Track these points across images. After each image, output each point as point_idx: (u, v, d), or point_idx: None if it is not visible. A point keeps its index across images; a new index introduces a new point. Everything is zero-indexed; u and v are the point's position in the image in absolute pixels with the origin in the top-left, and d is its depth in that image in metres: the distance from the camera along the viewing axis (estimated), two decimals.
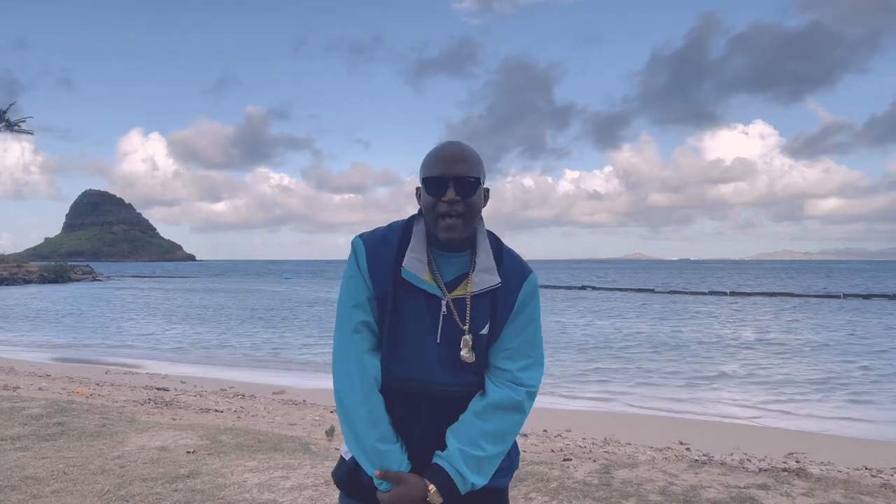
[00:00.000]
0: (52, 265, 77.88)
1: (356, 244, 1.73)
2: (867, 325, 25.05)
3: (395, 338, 1.69)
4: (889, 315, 29.95)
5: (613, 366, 15.27)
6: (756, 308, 34.91)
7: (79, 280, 72.06)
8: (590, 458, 6.03)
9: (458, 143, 1.73)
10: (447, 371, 1.68)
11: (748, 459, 6.86)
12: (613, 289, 56.97)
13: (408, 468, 1.67)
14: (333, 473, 1.84)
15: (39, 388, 9.45)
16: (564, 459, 5.84)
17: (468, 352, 1.68)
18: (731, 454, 7.22)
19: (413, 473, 1.66)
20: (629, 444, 7.63)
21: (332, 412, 8.79)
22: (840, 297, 44.54)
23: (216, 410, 8.38)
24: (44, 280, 64.82)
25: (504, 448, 1.72)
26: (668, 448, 7.49)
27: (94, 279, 76.63)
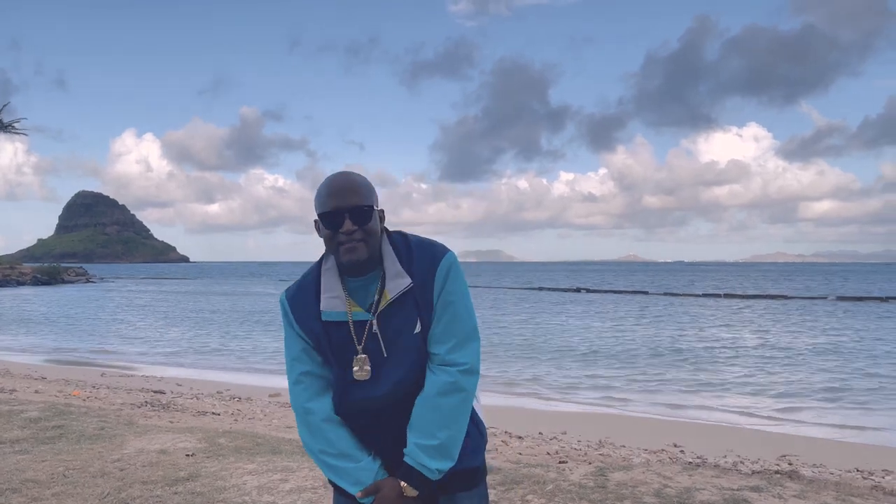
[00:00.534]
0: (46, 267, 77.70)
1: (282, 301, 1.90)
2: (859, 328, 25.21)
3: (338, 370, 1.82)
4: (882, 318, 30.13)
5: (608, 369, 15.35)
6: (749, 310, 35.07)
7: (72, 282, 71.82)
8: (585, 461, 6.09)
9: (347, 174, 1.82)
10: (376, 384, 1.80)
11: (741, 462, 6.94)
12: (608, 291, 57.12)
13: (383, 475, 1.80)
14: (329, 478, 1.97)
15: (36, 391, 9.47)
16: (560, 462, 5.90)
17: (360, 370, 1.80)
18: (725, 457, 7.30)
19: (387, 478, 1.79)
20: (624, 447, 7.69)
21: None
22: (833, 300, 44.82)
23: (213, 413, 8.41)
24: (37, 282, 64.61)
25: (458, 428, 1.79)
26: (663, 450, 7.56)
27: (88, 281, 76.41)
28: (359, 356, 1.80)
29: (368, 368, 1.79)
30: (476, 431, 1.91)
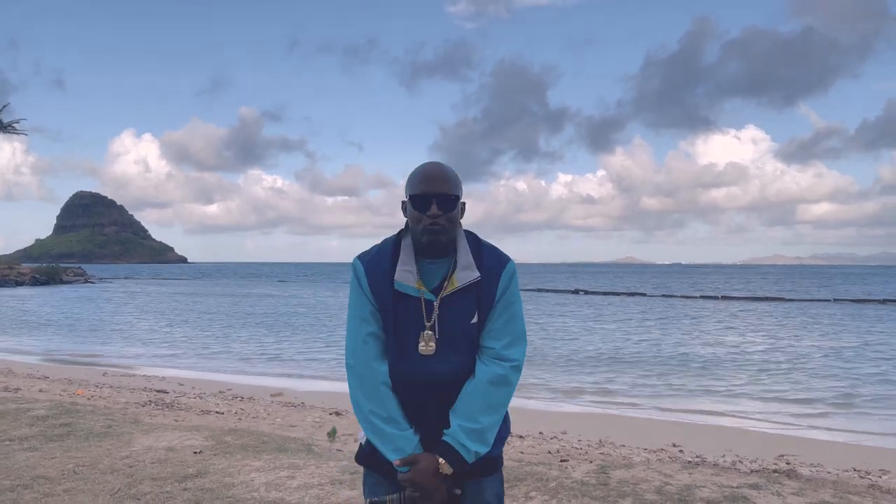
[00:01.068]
0: (44, 267, 77.67)
1: (356, 265, 2.04)
2: (857, 331, 25.33)
3: (401, 339, 1.97)
4: (881, 320, 30.25)
5: (606, 370, 15.43)
6: (746, 312, 35.18)
7: (71, 282, 71.79)
8: (586, 459, 6.18)
9: (440, 164, 2.03)
10: (443, 361, 1.96)
11: (740, 461, 7.03)
12: (606, 292, 57.21)
13: (420, 450, 1.94)
14: (356, 457, 2.13)
15: (40, 390, 9.53)
16: (561, 460, 5.98)
17: (426, 345, 1.96)
18: (723, 456, 7.38)
19: (425, 453, 1.93)
20: (624, 446, 7.78)
21: (332, 414, 8.91)
22: (830, 301, 44.95)
23: (217, 412, 8.49)
24: (36, 282, 64.59)
25: (498, 418, 1.99)
26: (662, 450, 7.64)
27: (87, 281, 76.34)
28: (426, 332, 1.96)
29: (433, 345, 1.96)
30: (504, 424, 2.09)
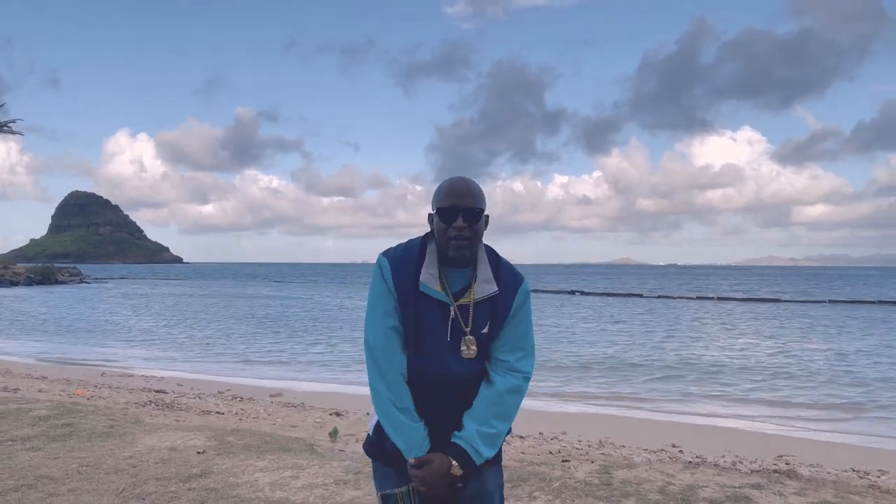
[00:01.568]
0: (39, 267, 77.41)
1: (381, 262, 2.12)
2: (851, 331, 25.42)
3: (418, 337, 2.09)
4: (874, 321, 30.37)
5: (603, 370, 15.47)
6: (742, 313, 35.28)
7: (66, 282, 71.56)
8: (587, 460, 6.20)
9: (466, 179, 2.15)
10: (455, 362, 2.10)
11: (740, 461, 7.06)
12: (603, 293, 57.31)
13: (428, 443, 2.08)
14: (364, 447, 2.28)
15: (39, 390, 9.52)
16: (563, 461, 6.00)
17: (468, 349, 2.09)
18: (723, 456, 7.41)
19: (437, 453, 2.05)
20: (624, 447, 7.80)
21: (332, 415, 8.92)
22: (825, 303, 45.11)
23: (217, 412, 8.49)
24: (31, 282, 64.38)
25: (508, 424, 2.15)
26: (662, 450, 7.67)
27: (82, 281, 76.12)
28: (468, 337, 2.09)
29: (475, 348, 2.10)
30: None
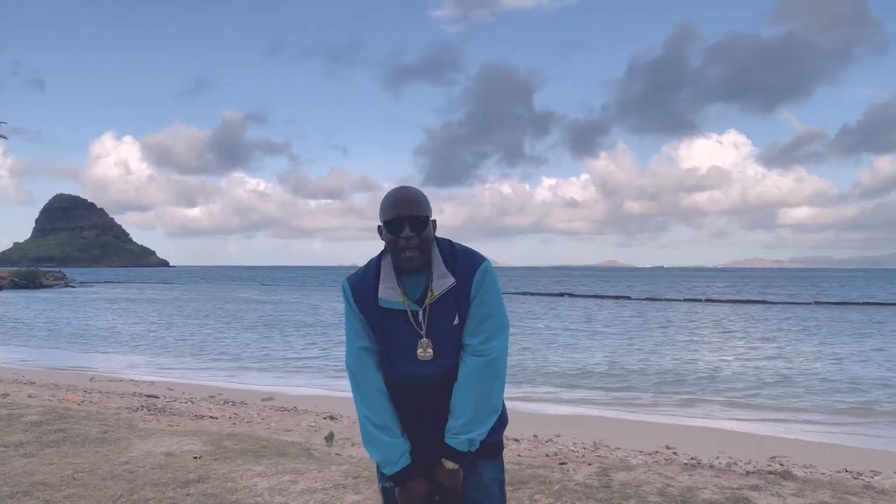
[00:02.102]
0: (24, 271, 76.67)
1: (344, 286, 2.24)
2: (837, 332, 25.65)
3: (389, 350, 2.17)
4: (861, 322, 30.66)
5: (596, 372, 15.50)
6: (730, 315, 35.50)
7: (51, 286, 70.88)
8: (584, 462, 6.20)
9: (409, 188, 2.21)
10: (428, 365, 2.15)
11: (735, 463, 7.10)
12: (591, 296, 57.51)
13: (408, 459, 2.15)
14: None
15: (29, 396, 9.43)
16: (560, 463, 6.01)
17: (424, 351, 2.14)
18: (717, 458, 7.45)
19: (418, 479, 2.17)
20: (619, 449, 7.83)
21: (326, 418, 8.88)
22: (811, 304, 45.50)
23: (211, 417, 8.43)
24: (15, 286, 63.77)
25: (486, 409, 2.15)
26: (657, 452, 7.70)
27: (67, 285, 75.44)
28: (423, 339, 2.15)
29: (431, 351, 2.15)
30: (503, 413, 2.31)
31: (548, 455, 6.78)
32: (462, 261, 2.18)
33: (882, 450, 8.68)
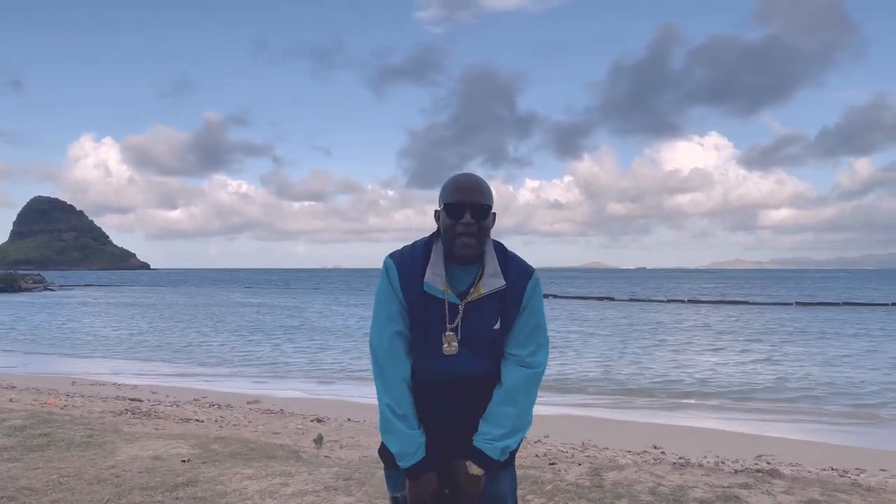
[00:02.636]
0: (1, 274, 75.45)
1: (388, 264, 2.11)
2: (818, 332, 25.93)
3: (425, 339, 2.07)
4: (841, 322, 31.02)
5: (579, 371, 15.55)
6: (711, 315, 35.77)
7: (30, 289, 69.91)
8: (574, 462, 6.21)
9: (474, 175, 2.11)
10: (464, 362, 2.06)
11: (722, 462, 7.14)
12: (575, 297, 57.70)
13: (423, 452, 2.07)
14: (379, 451, 2.22)
15: (10, 400, 9.27)
16: (550, 463, 6.02)
17: (448, 345, 2.05)
18: (705, 457, 7.50)
19: (430, 472, 2.08)
20: (607, 449, 7.85)
21: (313, 421, 8.83)
22: (792, 305, 45.99)
23: (197, 420, 8.34)
24: None
25: (524, 420, 2.11)
26: (646, 451, 7.73)
27: (46, 288, 74.44)
28: (447, 333, 2.05)
29: (456, 345, 2.05)
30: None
31: (537, 455, 6.79)
32: (515, 267, 2.11)
33: (866, 448, 8.78)
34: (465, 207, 2.01)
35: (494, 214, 2.12)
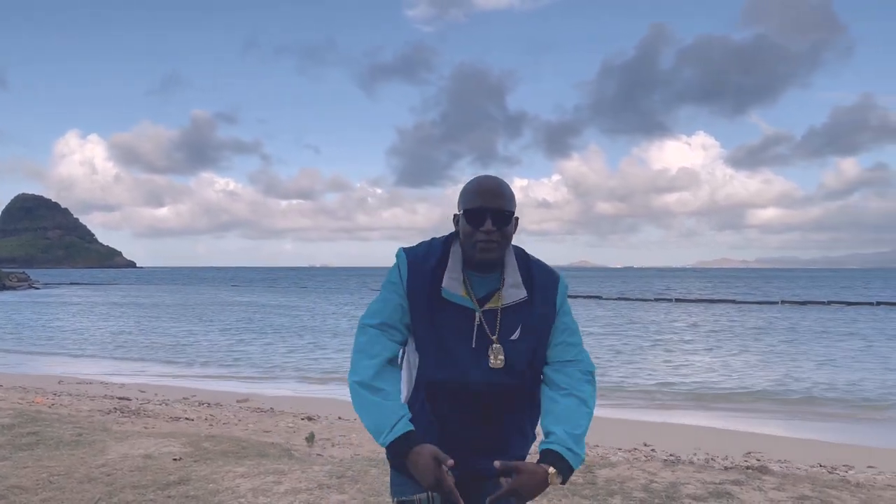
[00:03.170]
0: None
1: (400, 257, 1.94)
2: (802, 330, 26.15)
3: (437, 344, 1.90)
4: (824, 321, 31.30)
5: None
6: (698, 314, 35.99)
7: (14, 288, 69.33)
8: None
9: (496, 178, 1.93)
10: (478, 372, 1.89)
11: (712, 459, 7.18)
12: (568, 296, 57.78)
13: (408, 427, 1.77)
14: (387, 454, 1.96)
15: None
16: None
17: (495, 358, 1.89)
18: (695, 454, 7.53)
19: (425, 444, 1.76)
20: (598, 446, 7.86)
21: (304, 419, 8.80)
22: (778, 304, 46.34)
23: (187, 419, 8.30)
24: None
25: (590, 421, 1.93)
26: (636, 449, 7.76)
27: (31, 286, 73.83)
28: (495, 345, 1.89)
29: (503, 358, 1.89)
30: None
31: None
32: (539, 275, 1.97)
33: (853, 444, 8.87)
34: (487, 214, 1.85)
35: (517, 220, 1.96)
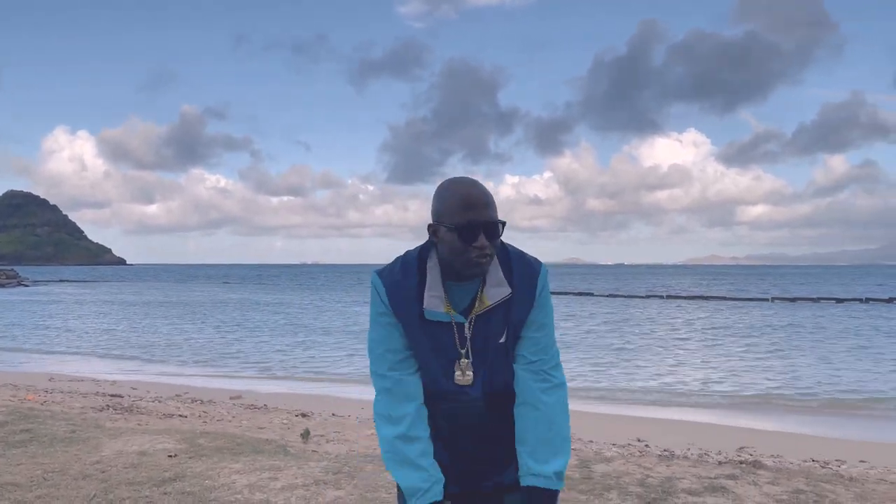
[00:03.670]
0: None
1: (377, 285, 1.80)
2: (793, 326, 26.32)
3: (431, 368, 1.79)
4: (815, 317, 31.51)
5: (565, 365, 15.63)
6: (689, 310, 36.15)
7: (3, 285, 68.88)
8: None
9: (478, 185, 1.74)
10: (475, 387, 1.80)
11: (706, 454, 7.22)
12: (553, 293, 57.98)
13: (440, 495, 1.73)
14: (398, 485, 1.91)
15: None
16: None
17: (462, 375, 1.78)
18: (689, 449, 7.57)
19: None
20: (592, 442, 7.89)
21: (298, 416, 8.79)
22: (769, 300, 46.59)
23: (180, 415, 8.28)
24: None
25: (568, 433, 1.81)
26: (630, 444, 7.79)
27: (20, 284, 73.39)
28: (461, 360, 1.78)
29: (470, 374, 1.79)
30: None
31: None
32: (519, 267, 1.80)
33: (844, 439, 8.95)
34: (479, 229, 1.67)
35: (504, 224, 1.77)
